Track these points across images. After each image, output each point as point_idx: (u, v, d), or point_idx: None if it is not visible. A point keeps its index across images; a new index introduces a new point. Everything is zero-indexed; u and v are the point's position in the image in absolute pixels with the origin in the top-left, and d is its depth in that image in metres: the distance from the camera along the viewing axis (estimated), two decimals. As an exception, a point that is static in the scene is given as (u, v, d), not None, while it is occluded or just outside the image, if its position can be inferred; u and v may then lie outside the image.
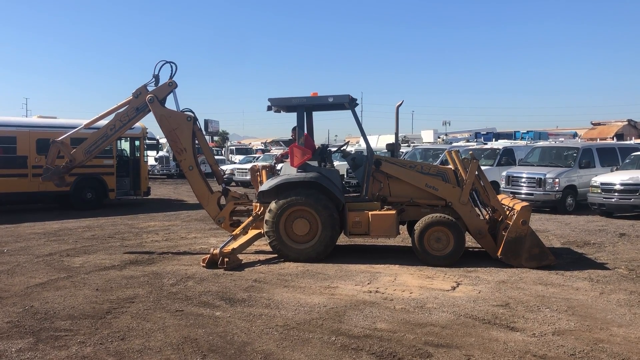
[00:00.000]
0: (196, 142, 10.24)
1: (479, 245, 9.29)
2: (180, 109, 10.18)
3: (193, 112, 10.16)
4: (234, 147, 46.41)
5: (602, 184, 14.78)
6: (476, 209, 9.29)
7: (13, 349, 5.14)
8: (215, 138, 59.25)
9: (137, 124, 18.73)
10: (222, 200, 10.21)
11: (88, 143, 10.41)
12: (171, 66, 10.21)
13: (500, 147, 20.28)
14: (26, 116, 35.27)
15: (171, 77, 10.17)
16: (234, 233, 9.40)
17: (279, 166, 10.31)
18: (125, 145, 19.54)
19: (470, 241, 9.62)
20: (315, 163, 9.35)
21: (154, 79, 10.21)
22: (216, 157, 23.50)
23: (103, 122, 11.02)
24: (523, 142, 26.58)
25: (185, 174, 10.14)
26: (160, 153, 34.17)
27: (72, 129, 16.99)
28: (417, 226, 8.75)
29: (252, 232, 9.52)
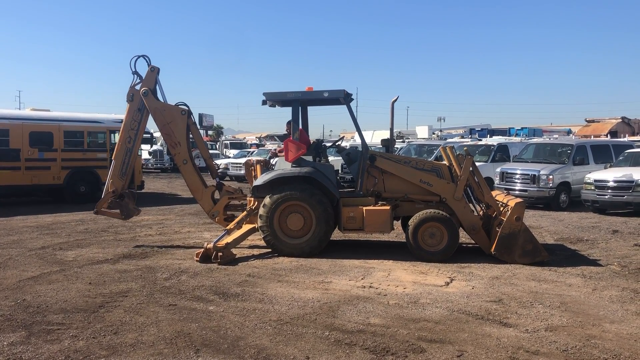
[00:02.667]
0: (190, 136, 10.20)
1: (473, 241, 9.32)
2: (175, 103, 10.13)
3: (187, 106, 10.12)
4: (228, 142, 46.29)
5: (595, 180, 14.83)
6: (470, 205, 9.31)
7: (5, 343, 5.11)
8: (210, 132, 59.09)
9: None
10: (216, 195, 10.19)
11: (117, 167, 10.19)
12: (144, 58, 10.19)
13: (495, 144, 20.31)
14: (19, 109, 35.04)
15: (149, 64, 10.13)
16: (227, 227, 9.39)
17: (273, 161, 10.28)
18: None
19: (464, 237, 9.64)
20: (310, 158, 9.33)
21: (135, 76, 10.15)
22: (210, 151, 23.49)
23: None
24: (517, 139, 26.66)
25: (179, 167, 10.11)
26: (154, 147, 34.07)
27: (65, 122, 17.16)
28: (411, 222, 8.76)
29: (246, 227, 9.50)
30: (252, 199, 9.51)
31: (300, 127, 9.60)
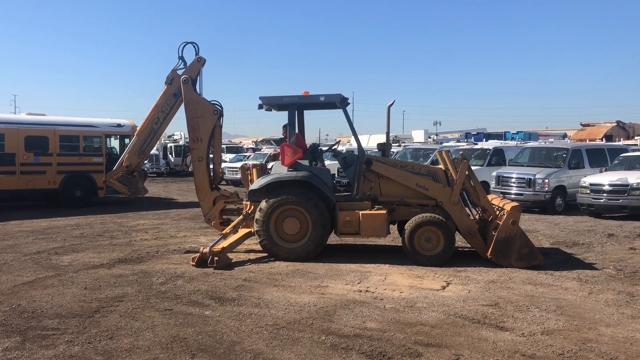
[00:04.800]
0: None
1: (469, 245, 9.32)
2: (210, 100, 10.05)
3: (221, 107, 10.08)
4: (224, 146, 46.17)
5: (591, 184, 14.88)
6: (466, 208, 9.32)
7: (-1, 348, 5.09)
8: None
9: (127, 122, 18.72)
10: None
11: (137, 144, 10.18)
12: (193, 46, 10.19)
13: (491, 148, 20.34)
14: (15, 113, 34.97)
15: (197, 54, 10.11)
16: (224, 232, 9.36)
17: (269, 165, 10.27)
18: (115, 143, 19.44)
19: (460, 241, 9.64)
20: (306, 162, 9.34)
21: (180, 61, 10.15)
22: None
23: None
24: (513, 143, 26.70)
25: (193, 163, 10.10)
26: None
27: (60, 126, 17.14)
28: (408, 226, 8.77)
29: (242, 231, 9.49)
30: (248, 203, 9.50)
31: (297, 131, 9.60)
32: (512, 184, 16.36)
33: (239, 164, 23.21)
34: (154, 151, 34.69)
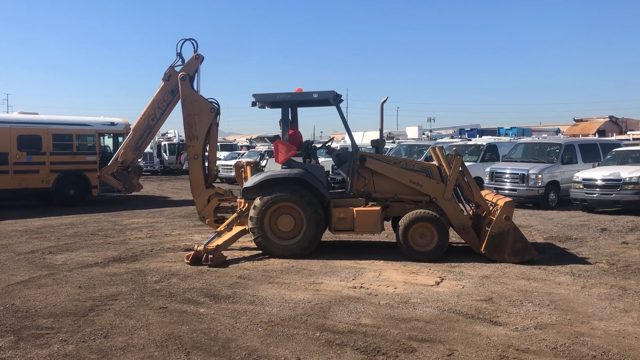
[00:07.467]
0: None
1: (463, 241, 9.35)
2: (207, 98, 10.03)
3: (218, 105, 10.06)
4: (218, 144, 45.97)
5: (584, 179, 14.95)
6: (460, 204, 9.35)
7: (-7, 348, 5.07)
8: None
9: (120, 120, 18.65)
10: None
11: (133, 140, 10.18)
12: (192, 43, 10.15)
13: (484, 143, 20.39)
14: (7, 112, 34.80)
15: (195, 51, 10.08)
16: (218, 230, 9.36)
17: (263, 162, 10.27)
18: (108, 141, 19.37)
19: (454, 237, 9.67)
20: (300, 159, 9.34)
21: (178, 58, 10.12)
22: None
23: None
24: (507, 138, 26.76)
25: (188, 161, 10.09)
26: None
27: (53, 125, 17.06)
28: (402, 222, 8.79)
29: (236, 229, 9.48)
30: (243, 200, 9.49)
31: (293, 128, 9.60)
32: (505, 180, 16.42)
33: (233, 162, 23.22)
34: (148, 149, 34.57)
